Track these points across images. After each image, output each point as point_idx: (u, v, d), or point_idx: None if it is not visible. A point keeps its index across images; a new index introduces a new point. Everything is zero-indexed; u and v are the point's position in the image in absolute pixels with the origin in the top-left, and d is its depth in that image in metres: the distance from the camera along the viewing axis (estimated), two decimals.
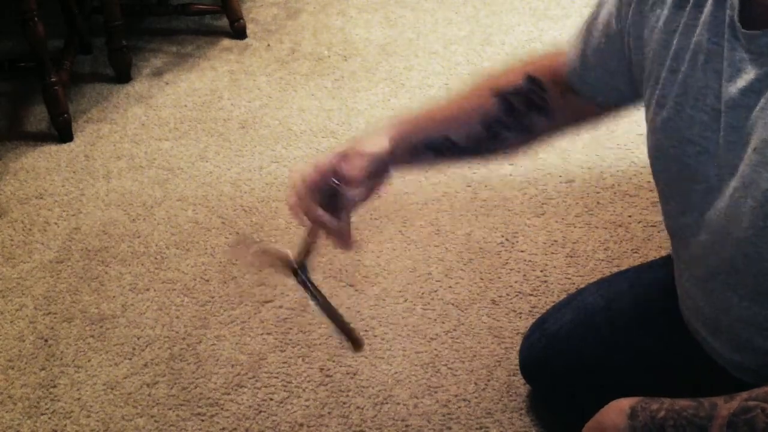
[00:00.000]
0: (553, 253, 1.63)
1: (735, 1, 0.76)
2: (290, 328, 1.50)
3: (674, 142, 0.84)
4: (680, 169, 0.84)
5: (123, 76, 2.26)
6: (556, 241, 1.66)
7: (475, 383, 1.39)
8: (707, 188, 0.81)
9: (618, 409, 0.80)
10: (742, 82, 0.75)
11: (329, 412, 1.35)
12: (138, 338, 1.49)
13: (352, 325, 0.99)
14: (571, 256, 1.62)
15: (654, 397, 0.79)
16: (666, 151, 0.86)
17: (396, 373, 1.41)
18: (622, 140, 1.92)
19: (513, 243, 1.66)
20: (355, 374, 1.41)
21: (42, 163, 1.96)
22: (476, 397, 1.36)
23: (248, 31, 2.46)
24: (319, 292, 0.98)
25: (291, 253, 0.98)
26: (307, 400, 1.37)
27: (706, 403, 0.76)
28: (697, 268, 0.89)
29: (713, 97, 0.79)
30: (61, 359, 1.46)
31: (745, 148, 0.75)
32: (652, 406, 0.78)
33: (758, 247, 0.76)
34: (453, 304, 1.53)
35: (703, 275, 0.88)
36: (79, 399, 1.39)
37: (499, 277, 1.58)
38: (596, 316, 1.18)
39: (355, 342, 0.97)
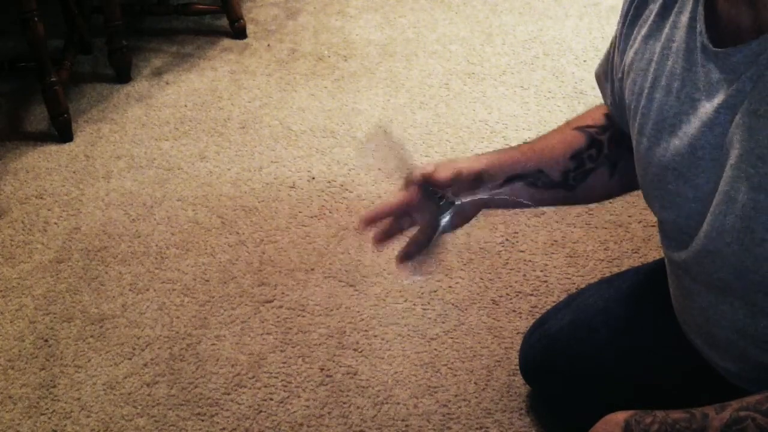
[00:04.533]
0: (553, 253, 1.63)
1: (702, 26, 0.77)
2: (290, 328, 1.50)
3: (656, 169, 0.86)
4: (664, 194, 0.86)
5: (123, 76, 2.26)
6: (556, 241, 1.66)
7: (475, 383, 1.39)
8: (691, 209, 0.82)
9: (613, 422, 0.81)
10: (716, 101, 0.76)
11: (329, 412, 1.35)
12: (138, 338, 1.49)
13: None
14: (571, 256, 1.62)
15: (647, 411, 0.79)
16: (650, 179, 0.88)
17: (396, 373, 1.41)
18: None
19: (513, 243, 1.66)
20: (355, 374, 1.41)
21: (42, 163, 1.96)
22: (476, 397, 1.36)
23: (248, 31, 2.46)
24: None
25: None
26: (307, 400, 1.38)
27: (698, 415, 0.76)
28: (690, 283, 0.89)
29: (688, 122, 0.80)
30: (61, 359, 1.46)
31: (723, 165, 0.76)
32: (646, 420, 0.78)
33: (745, 261, 0.76)
34: (453, 304, 1.53)
35: (695, 290, 0.88)
36: (79, 399, 1.39)
37: (499, 277, 1.58)
38: (596, 318, 1.18)
39: None
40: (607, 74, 1.02)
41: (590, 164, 1.03)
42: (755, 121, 0.72)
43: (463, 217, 1.02)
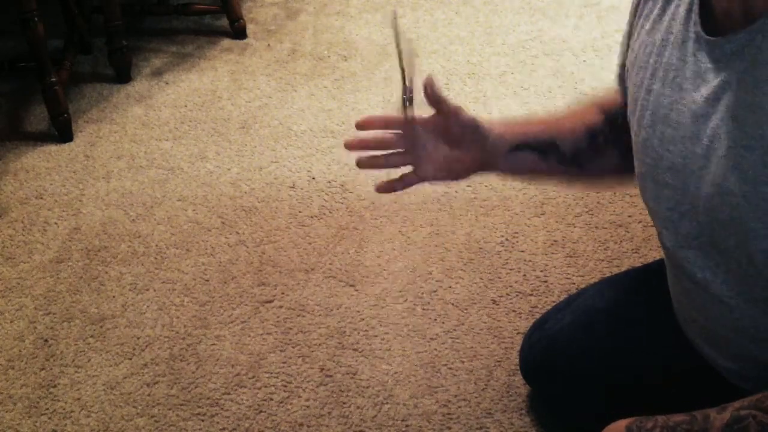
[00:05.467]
0: (553, 253, 1.63)
1: (697, 16, 0.78)
2: (290, 328, 1.50)
3: (652, 160, 0.86)
4: (661, 186, 0.85)
5: (123, 76, 2.26)
6: (556, 241, 1.66)
7: (475, 383, 1.39)
8: (685, 201, 0.82)
9: (615, 430, 0.81)
10: (705, 91, 0.76)
11: (329, 412, 1.35)
12: (138, 338, 1.49)
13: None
14: (571, 256, 1.62)
15: (648, 416, 0.79)
16: (645, 171, 0.88)
17: (396, 373, 1.41)
18: None
19: (513, 243, 1.66)
20: (355, 374, 1.41)
21: (42, 163, 1.96)
22: (476, 397, 1.36)
23: (248, 31, 2.46)
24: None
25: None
26: (307, 400, 1.37)
27: (699, 417, 0.76)
28: (688, 280, 0.89)
29: (680, 112, 0.80)
30: (61, 359, 1.46)
31: (714, 155, 0.76)
32: (647, 425, 0.78)
33: (741, 253, 0.76)
34: (453, 304, 1.53)
35: (694, 287, 0.88)
36: (79, 399, 1.39)
37: (499, 277, 1.58)
38: (596, 318, 1.18)
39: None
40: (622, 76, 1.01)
41: (603, 143, 1.02)
42: (743, 111, 0.72)
43: (453, 173, 1.01)
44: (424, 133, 0.98)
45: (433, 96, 0.94)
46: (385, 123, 1.00)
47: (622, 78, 1.04)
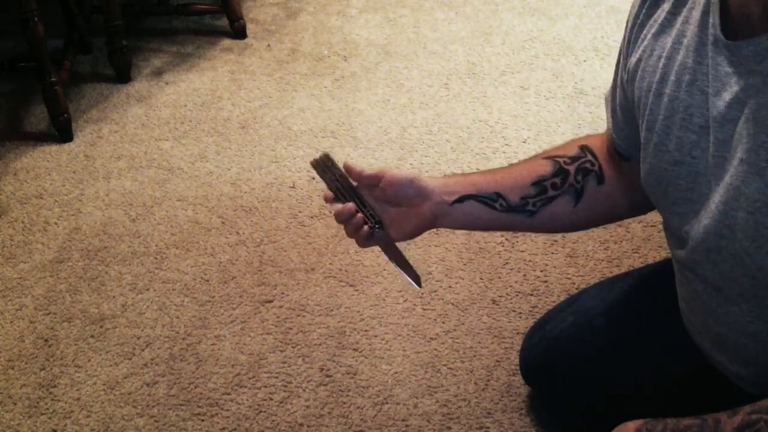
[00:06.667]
0: (553, 253, 1.63)
1: (716, 19, 0.77)
2: (290, 328, 1.50)
3: (666, 165, 0.85)
4: (674, 191, 0.85)
5: (123, 76, 2.26)
6: (556, 241, 1.66)
7: (475, 383, 1.38)
8: (700, 206, 0.82)
9: None
10: (727, 95, 0.76)
11: (329, 412, 1.35)
12: (138, 338, 1.49)
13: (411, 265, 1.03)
14: (571, 256, 1.62)
15: (658, 419, 0.79)
16: (659, 175, 0.87)
17: (396, 373, 1.41)
18: None
19: (513, 243, 1.66)
20: (355, 374, 1.41)
21: (42, 163, 1.96)
22: (476, 397, 1.36)
23: (248, 31, 2.46)
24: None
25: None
26: (307, 400, 1.37)
27: (710, 420, 0.75)
28: (698, 284, 0.88)
29: (699, 116, 0.80)
30: (61, 359, 1.46)
31: (732, 160, 0.75)
32: (657, 428, 0.77)
33: (755, 258, 0.76)
34: (453, 304, 1.53)
35: (704, 291, 0.88)
36: (79, 399, 1.39)
37: (499, 277, 1.58)
38: (597, 320, 1.17)
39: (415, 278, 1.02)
40: (615, 94, 1.01)
41: (552, 192, 1.02)
42: (767, 115, 0.71)
43: (401, 233, 1.02)
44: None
45: (355, 175, 1.02)
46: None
47: (606, 102, 1.04)
